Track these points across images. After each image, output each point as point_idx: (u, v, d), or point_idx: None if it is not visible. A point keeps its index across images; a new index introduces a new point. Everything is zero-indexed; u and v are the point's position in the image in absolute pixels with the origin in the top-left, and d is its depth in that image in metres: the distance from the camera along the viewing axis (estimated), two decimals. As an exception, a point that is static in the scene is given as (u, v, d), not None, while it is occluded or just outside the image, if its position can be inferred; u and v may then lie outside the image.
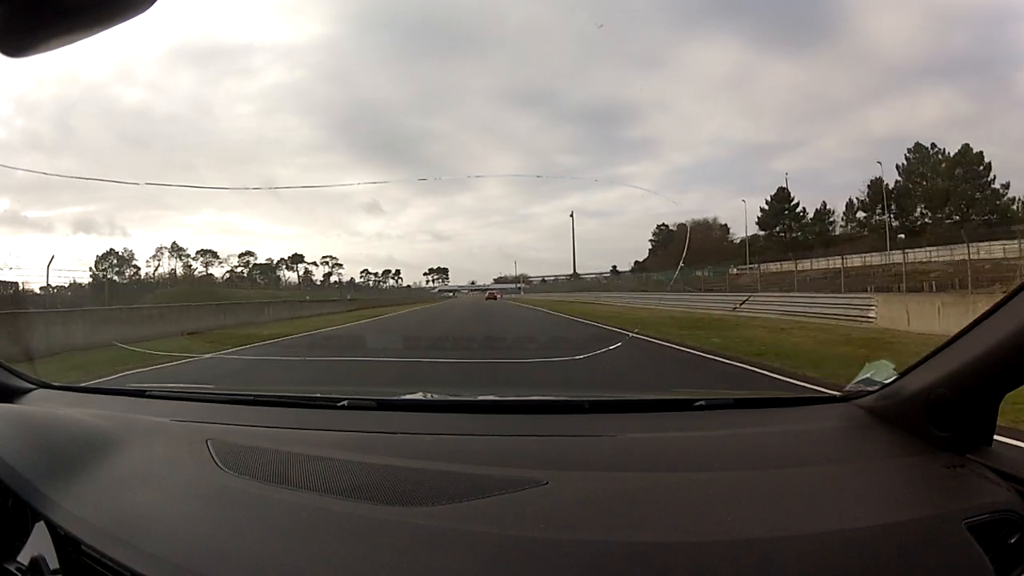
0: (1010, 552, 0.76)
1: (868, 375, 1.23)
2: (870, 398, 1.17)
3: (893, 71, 55.70)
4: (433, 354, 8.36)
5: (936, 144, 39.98)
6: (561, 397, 1.61)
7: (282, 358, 8.89)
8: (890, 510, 0.84)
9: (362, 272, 68.66)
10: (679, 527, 0.80)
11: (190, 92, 65.34)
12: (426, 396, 1.57)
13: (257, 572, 0.74)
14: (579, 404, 1.43)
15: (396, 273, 69.93)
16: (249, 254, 64.28)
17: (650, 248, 58.92)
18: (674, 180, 64.72)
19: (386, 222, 79.07)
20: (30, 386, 1.60)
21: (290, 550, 0.77)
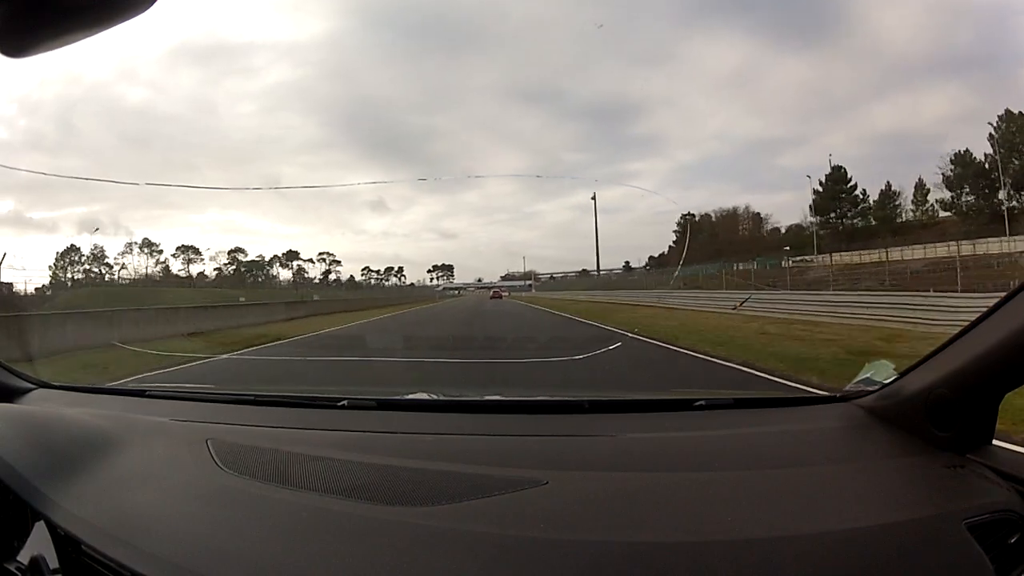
0: (1010, 552, 0.76)
1: (868, 375, 1.23)
2: (870, 398, 1.17)
3: (899, 67, 55.34)
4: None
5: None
6: (561, 397, 1.61)
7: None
8: (890, 510, 0.84)
9: (363, 270, 66.94)
10: (679, 527, 0.80)
11: (192, 91, 65.56)
12: (426, 396, 1.57)
13: (257, 572, 0.74)
14: (579, 404, 1.43)
15: (399, 271, 68.22)
16: (239, 251, 61.82)
17: (674, 241, 56.04)
18: (680, 176, 65.08)
19: (391, 220, 79.41)
20: (30, 386, 1.60)
21: (290, 550, 0.77)
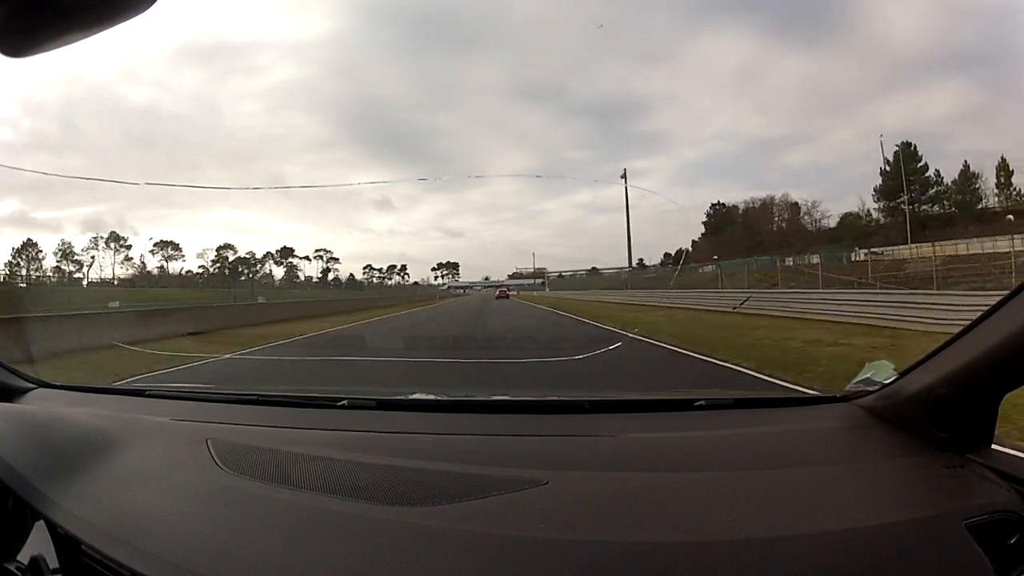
0: (1010, 552, 0.76)
1: (868, 375, 1.23)
2: (870, 398, 1.17)
3: (904, 64, 54.34)
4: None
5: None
6: (561, 397, 1.61)
7: None
8: (890, 510, 0.84)
9: (365, 268, 64.38)
10: (679, 527, 0.80)
11: (196, 90, 65.30)
12: (426, 396, 1.57)
13: (257, 572, 0.74)
14: (579, 404, 1.43)
15: (402, 269, 65.37)
16: (228, 247, 57.77)
17: (701, 233, 51.96)
18: (685, 175, 64.82)
19: (397, 219, 79.28)
20: (30, 386, 1.60)
21: (290, 550, 0.77)
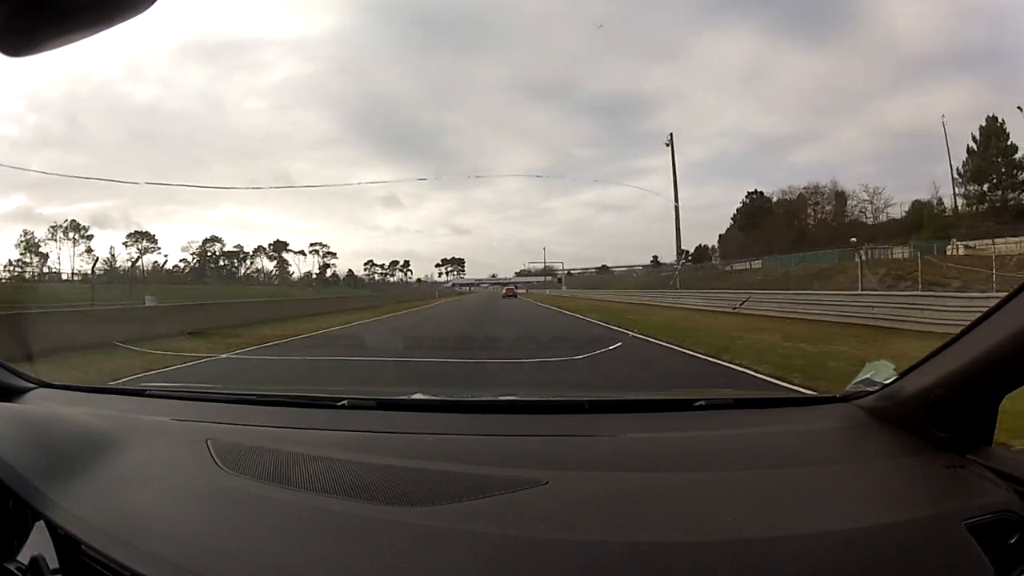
0: (1010, 552, 0.76)
1: (868, 375, 1.23)
2: (870, 398, 1.17)
3: (911, 62, 53.05)
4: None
5: None
6: (561, 397, 1.61)
7: None
8: (890, 510, 0.84)
9: (366, 264, 59.92)
10: (679, 527, 0.80)
11: (201, 87, 64.66)
12: (426, 396, 1.57)
13: (257, 572, 0.74)
14: (579, 404, 1.43)
15: (404, 265, 60.82)
16: (215, 240, 53.08)
17: (729, 227, 46.35)
18: (692, 173, 64.24)
19: (404, 216, 78.61)
20: (30, 386, 1.60)
21: (290, 550, 0.77)
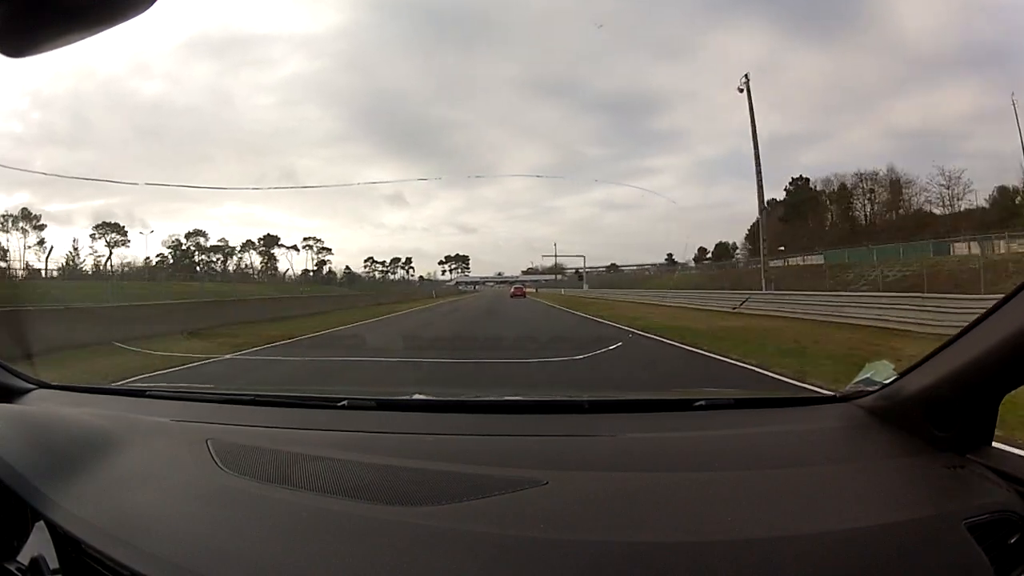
0: (1010, 552, 0.76)
1: (868, 375, 1.23)
2: (870, 398, 1.17)
3: (921, 62, 51.94)
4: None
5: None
6: (561, 397, 1.61)
7: None
8: (890, 510, 0.84)
9: (366, 260, 56.42)
10: (679, 527, 0.80)
11: (207, 83, 63.92)
12: (426, 396, 1.57)
13: (257, 572, 0.74)
14: (579, 404, 1.43)
15: (407, 262, 57.23)
16: (199, 233, 48.35)
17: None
18: (701, 172, 63.59)
19: (410, 214, 77.75)
20: (30, 386, 1.60)
21: (290, 550, 0.77)
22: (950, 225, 31.07)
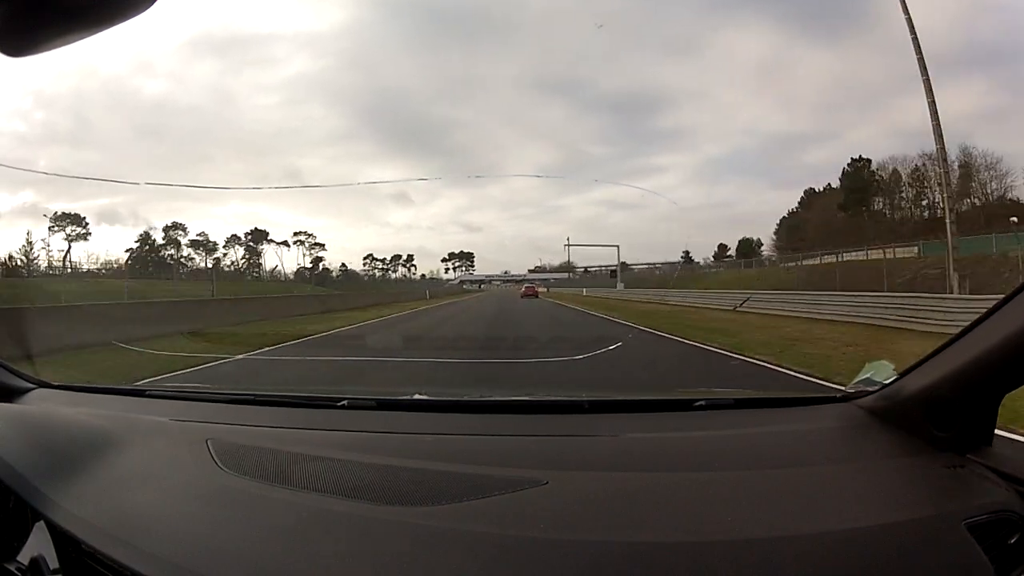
0: (1010, 552, 0.76)
1: (868, 375, 1.23)
2: (870, 398, 1.17)
3: (928, 61, 52.10)
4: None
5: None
6: (561, 397, 1.62)
7: None
8: (890, 510, 0.84)
9: (366, 258, 54.22)
10: (679, 527, 0.80)
11: (210, 82, 63.99)
12: (426, 396, 1.57)
13: (257, 572, 0.74)
14: (579, 404, 1.43)
15: (408, 260, 55.10)
16: (178, 227, 46.54)
17: (795, 211, 36.90)
18: (706, 171, 63.68)
19: (415, 213, 78.27)
20: (30, 386, 1.60)
21: (290, 550, 0.77)
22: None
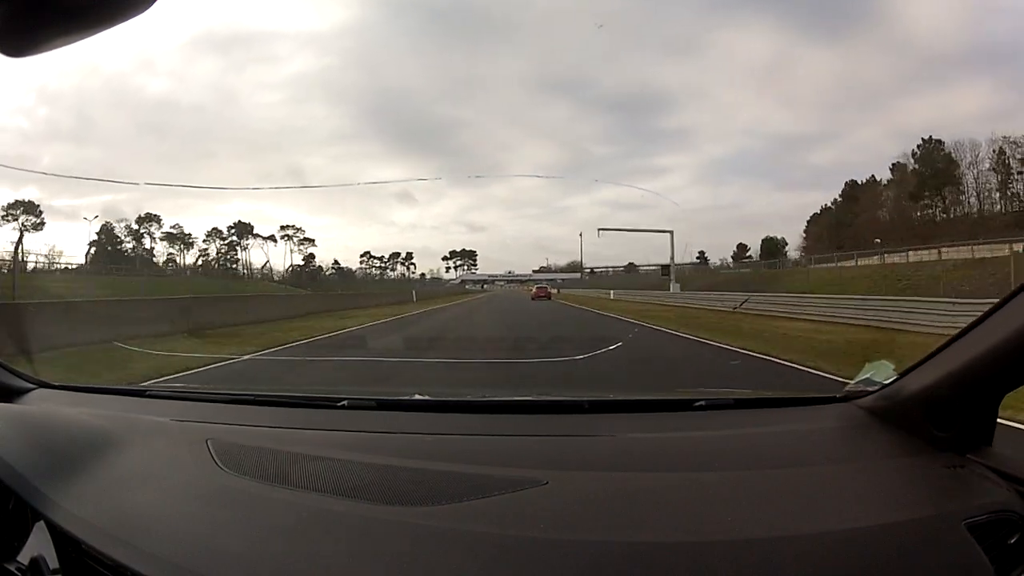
0: (1010, 552, 0.76)
1: (868, 375, 1.23)
2: (870, 398, 1.17)
3: (933, 61, 50.66)
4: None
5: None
6: (561, 397, 1.62)
7: None
8: (890, 510, 0.84)
9: (362, 255, 50.23)
10: (679, 527, 0.80)
11: (213, 80, 63.72)
12: (426, 396, 1.57)
13: (257, 572, 0.74)
14: (579, 404, 1.43)
15: (407, 258, 51.44)
16: (152, 219, 41.45)
17: (832, 202, 31.33)
18: (710, 172, 63.64)
19: (420, 212, 78.32)
20: (30, 386, 1.60)
21: (290, 550, 0.77)
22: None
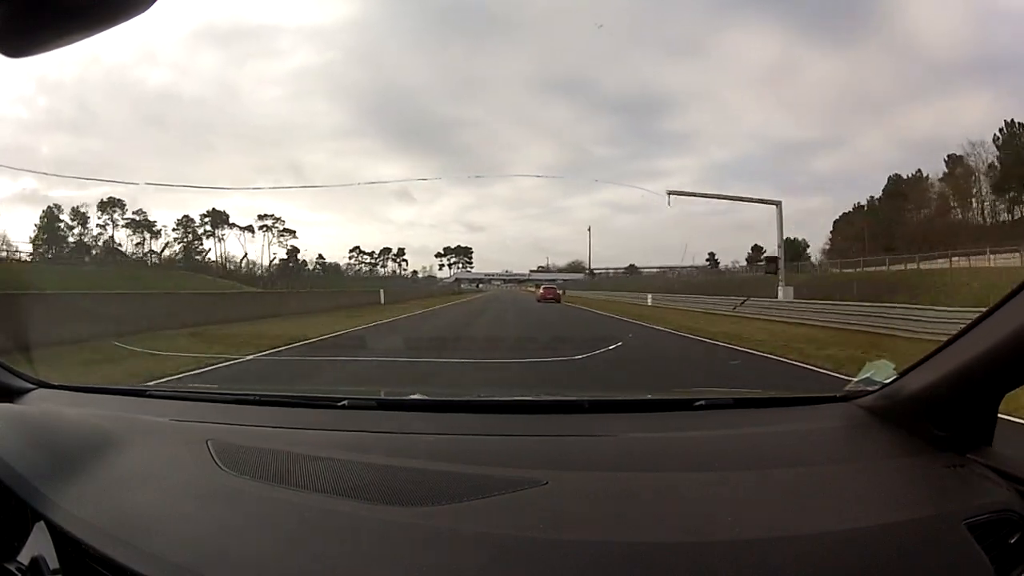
0: (1010, 552, 0.76)
1: (868, 375, 1.23)
2: (870, 398, 1.17)
3: (938, 68, 50.60)
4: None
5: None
6: (561, 397, 1.62)
7: None
8: (890, 510, 0.84)
9: (351, 250, 47.75)
10: (679, 527, 0.80)
11: (214, 74, 63.80)
12: (426, 396, 1.57)
13: (257, 572, 0.74)
14: (579, 404, 1.43)
15: (399, 254, 49.41)
16: (116, 203, 39.10)
17: (879, 195, 29.41)
18: (713, 175, 63.33)
19: (419, 211, 77.84)
20: (30, 386, 1.60)
21: (290, 550, 0.78)
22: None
